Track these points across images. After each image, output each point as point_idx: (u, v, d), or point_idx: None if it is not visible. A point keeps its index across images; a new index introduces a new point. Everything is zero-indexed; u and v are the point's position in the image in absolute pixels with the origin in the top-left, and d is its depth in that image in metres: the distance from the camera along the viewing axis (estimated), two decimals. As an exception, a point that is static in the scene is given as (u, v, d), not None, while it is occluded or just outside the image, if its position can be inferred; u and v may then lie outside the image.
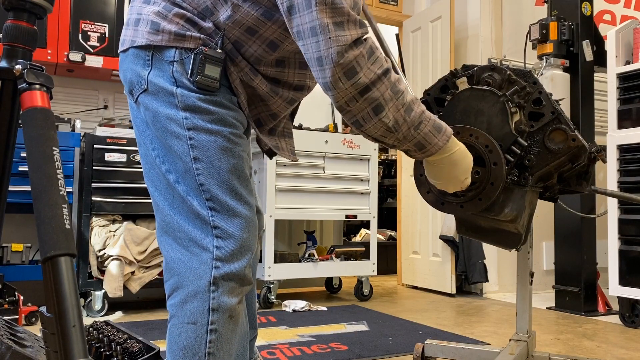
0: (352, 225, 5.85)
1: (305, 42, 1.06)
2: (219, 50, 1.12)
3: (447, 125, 1.22)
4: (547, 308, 3.51)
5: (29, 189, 0.88)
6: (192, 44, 1.12)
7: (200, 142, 1.11)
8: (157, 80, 1.12)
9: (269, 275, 3.43)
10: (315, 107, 4.36)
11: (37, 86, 0.94)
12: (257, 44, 1.16)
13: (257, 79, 1.19)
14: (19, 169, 2.92)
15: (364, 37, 1.07)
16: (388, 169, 6.12)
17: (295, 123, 3.92)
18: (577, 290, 3.35)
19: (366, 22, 1.14)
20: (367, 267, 3.77)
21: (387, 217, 5.75)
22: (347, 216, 3.77)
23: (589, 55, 3.46)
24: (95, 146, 3.13)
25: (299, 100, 1.32)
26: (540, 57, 3.50)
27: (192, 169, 1.11)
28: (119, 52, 1.21)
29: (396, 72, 1.13)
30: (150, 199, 1.21)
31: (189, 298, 1.09)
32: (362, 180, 3.81)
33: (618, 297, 3.02)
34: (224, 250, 1.09)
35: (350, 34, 1.04)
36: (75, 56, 3.27)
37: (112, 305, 3.21)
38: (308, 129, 3.75)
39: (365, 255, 3.83)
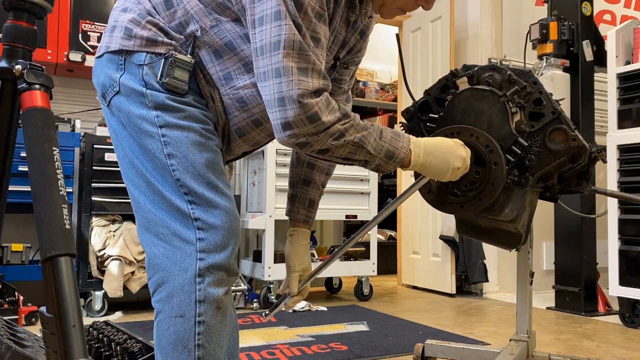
0: (352, 225, 5.84)
1: (268, 84, 1.08)
2: (189, 56, 1.15)
3: (402, 131, 1.25)
4: (547, 308, 3.51)
5: (29, 189, 0.88)
6: (163, 49, 1.15)
7: (173, 139, 1.12)
8: (129, 82, 1.15)
9: (269, 275, 3.42)
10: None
11: (37, 86, 0.94)
12: (216, 69, 1.19)
13: (218, 95, 1.22)
14: (19, 169, 2.92)
15: (324, 89, 1.10)
16: (388, 169, 6.10)
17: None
18: (577, 290, 3.35)
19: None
20: (367, 267, 3.77)
21: (387, 217, 5.73)
22: (347, 216, 3.77)
23: (589, 55, 3.46)
24: (95, 146, 3.13)
25: (262, 129, 1.29)
26: (540, 57, 3.50)
27: (167, 165, 1.12)
28: (95, 57, 1.24)
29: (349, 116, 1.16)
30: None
31: (175, 292, 1.09)
32: (362, 180, 3.81)
33: (618, 297, 3.02)
34: (206, 242, 1.10)
35: (312, 82, 1.07)
36: (75, 56, 3.27)
37: (112, 305, 3.21)
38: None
39: (365, 255, 3.83)
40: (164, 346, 1.10)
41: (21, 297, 2.76)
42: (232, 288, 3.39)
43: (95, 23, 3.37)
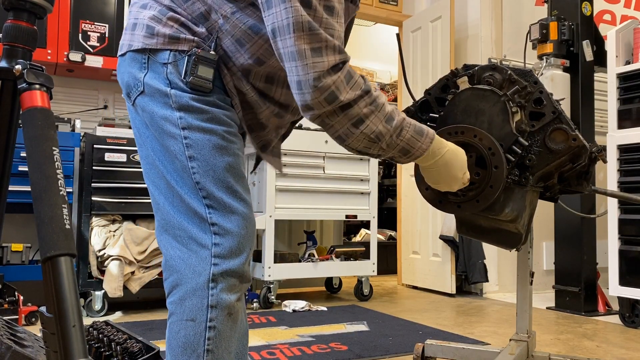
0: (352, 225, 5.84)
1: (287, 66, 1.07)
2: (212, 52, 1.13)
3: (429, 129, 1.21)
4: (547, 308, 3.51)
5: (29, 189, 0.87)
6: (185, 46, 1.13)
7: (195, 141, 1.11)
8: (153, 82, 1.13)
9: (269, 275, 3.42)
10: (315, 107, 4.36)
11: (37, 86, 0.94)
12: (244, 57, 1.17)
13: (247, 86, 1.20)
14: (19, 169, 2.92)
15: (343, 62, 1.08)
16: (388, 169, 6.12)
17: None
18: (577, 290, 3.35)
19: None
20: (367, 267, 3.77)
21: (387, 217, 5.75)
22: (347, 216, 3.77)
23: (589, 55, 3.46)
24: (95, 146, 3.12)
25: (286, 119, 1.32)
26: (540, 57, 3.50)
27: (188, 167, 1.11)
28: (117, 55, 1.23)
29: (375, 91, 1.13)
30: (149, 199, 1.20)
31: (187, 295, 1.09)
32: (362, 180, 3.81)
33: (618, 297, 3.02)
34: (222, 247, 1.09)
35: (327, 60, 1.05)
36: (75, 56, 3.27)
37: (112, 305, 3.21)
38: (308, 128, 3.75)
39: (365, 255, 3.83)
40: (173, 348, 1.11)
41: (21, 297, 2.76)
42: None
43: (95, 23, 3.37)
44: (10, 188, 1.09)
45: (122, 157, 3.19)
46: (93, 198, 3.11)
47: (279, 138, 1.38)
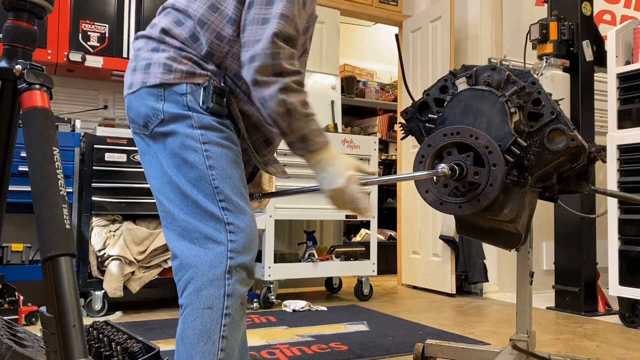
0: (352, 225, 5.84)
1: (252, 28, 1.29)
2: (223, 84, 1.34)
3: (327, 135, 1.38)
4: (547, 308, 3.51)
5: (29, 189, 0.88)
6: (200, 79, 1.32)
7: (215, 154, 1.28)
8: (172, 109, 1.30)
9: (269, 275, 3.43)
10: (316, 107, 4.35)
11: (37, 86, 0.94)
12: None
13: (252, 108, 1.38)
14: (19, 169, 2.92)
15: (293, 40, 1.30)
16: (388, 169, 6.12)
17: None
18: (577, 290, 3.35)
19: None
20: (367, 267, 3.78)
21: (387, 217, 5.75)
22: (347, 216, 3.77)
23: (589, 55, 3.46)
24: (95, 146, 3.13)
25: None
26: (540, 57, 3.50)
27: (207, 175, 1.26)
28: (126, 94, 1.39)
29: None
30: (149, 198, 1.32)
31: (204, 286, 1.19)
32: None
33: (618, 297, 3.02)
34: (237, 243, 1.23)
35: (289, 30, 1.28)
36: (75, 56, 3.27)
37: (112, 305, 3.21)
38: (308, 129, 3.75)
39: (365, 255, 3.83)
40: (188, 337, 1.18)
41: (21, 297, 2.77)
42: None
43: (95, 23, 3.38)
44: (10, 188, 1.09)
45: (122, 157, 3.19)
46: (93, 198, 3.11)
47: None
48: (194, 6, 1.35)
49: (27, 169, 0.88)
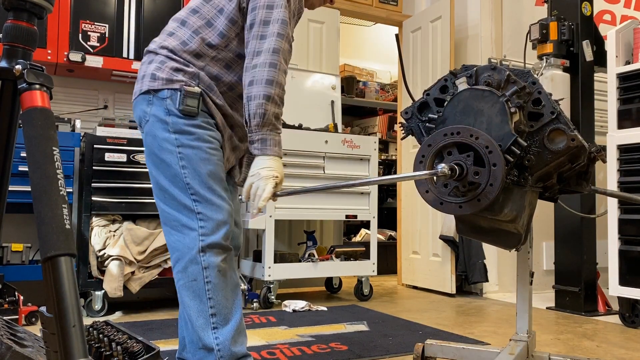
0: (352, 225, 5.84)
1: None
2: (197, 88, 1.62)
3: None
4: (547, 308, 3.51)
5: (29, 189, 0.88)
6: (177, 85, 1.61)
7: (186, 155, 1.59)
8: (156, 112, 1.62)
9: (269, 275, 3.43)
10: (315, 107, 4.36)
11: (37, 86, 0.94)
12: (231, 76, 1.69)
13: (229, 101, 1.70)
14: (19, 169, 2.92)
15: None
16: (388, 169, 6.12)
17: (295, 123, 3.92)
18: (577, 290, 3.35)
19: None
20: (367, 267, 3.78)
21: (387, 217, 5.75)
22: (347, 216, 3.77)
23: (589, 55, 3.46)
24: (95, 146, 3.13)
25: None
26: (540, 57, 3.50)
27: (180, 173, 1.59)
28: (132, 100, 1.71)
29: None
30: (149, 198, 1.47)
31: (188, 264, 1.58)
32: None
33: (618, 297, 3.02)
34: (206, 228, 1.58)
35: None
36: (75, 56, 3.27)
37: (112, 305, 3.21)
38: (308, 129, 3.76)
39: (365, 255, 3.83)
40: (186, 303, 1.59)
41: (21, 297, 2.77)
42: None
43: (95, 23, 3.37)
44: (10, 188, 1.10)
45: (122, 157, 3.19)
46: (93, 198, 3.11)
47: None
48: (193, 19, 1.67)
49: (27, 169, 0.88)
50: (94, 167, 3.11)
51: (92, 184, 3.11)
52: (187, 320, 1.60)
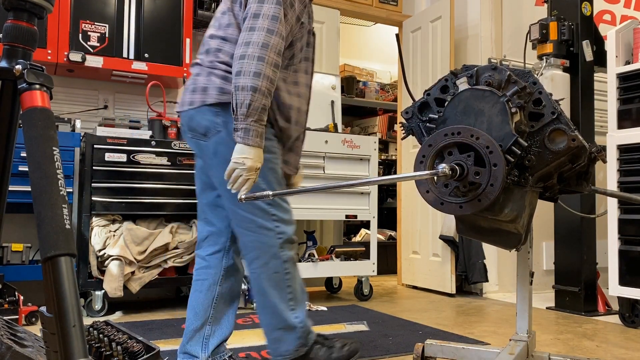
0: (352, 225, 5.84)
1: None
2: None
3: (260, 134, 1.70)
4: (547, 308, 3.51)
5: (29, 189, 0.88)
6: None
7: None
8: (227, 124, 1.76)
9: (269, 275, 3.42)
10: (316, 107, 4.36)
11: (37, 86, 0.94)
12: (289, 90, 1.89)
13: (286, 114, 1.90)
14: (19, 169, 2.92)
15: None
16: (388, 169, 6.12)
17: (295, 123, 3.91)
18: (577, 290, 3.35)
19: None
20: (367, 267, 3.77)
21: (387, 217, 5.75)
22: (347, 216, 3.77)
23: (589, 55, 3.46)
24: (95, 146, 3.12)
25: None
26: (540, 57, 3.50)
27: (258, 181, 1.72)
28: (184, 109, 1.83)
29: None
30: (149, 198, 1.43)
31: (269, 260, 1.81)
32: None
33: (618, 297, 3.02)
34: (281, 228, 1.83)
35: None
36: (75, 56, 3.27)
37: (112, 305, 3.21)
38: (308, 129, 3.75)
39: (365, 255, 3.83)
40: (268, 292, 1.83)
41: (21, 297, 2.76)
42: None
43: (95, 23, 3.37)
44: (10, 188, 1.10)
45: (122, 157, 3.19)
46: (93, 198, 3.11)
47: None
48: (230, 31, 1.81)
49: (27, 169, 0.88)
50: (94, 167, 3.11)
51: (92, 184, 3.11)
52: (264, 307, 1.87)
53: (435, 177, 1.40)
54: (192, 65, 1.88)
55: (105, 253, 3.08)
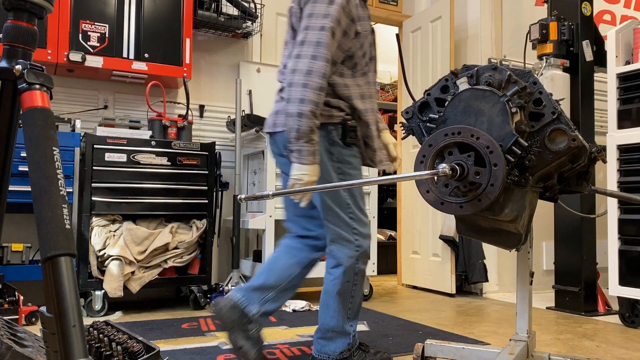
0: (352, 225, 5.83)
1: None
2: (354, 121, 1.98)
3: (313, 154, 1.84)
4: (547, 308, 3.51)
5: (29, 189, 0.88)
6: (336, 120, 1.95)
7: (346, 181, 1.90)
8: (322, 144, 1.93)
9: (269, 275, 3.42)
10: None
11: (37, 86, 0.94)
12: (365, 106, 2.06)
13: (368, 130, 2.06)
14: (19, 169, 2.92)
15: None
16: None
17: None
18: (577, 290, 3.35)
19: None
20: (367, 267, 3.76)
21: (387, 217, 5.75)
22: (347, 216, 3.76)
23: (589, 55, 3.46)
24: (95, 146, 3.12)
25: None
26: (540, 57, 3.50)
27: (343, 196, 1.97)
28: (268, 131, 2.05)
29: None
30: (149, 198, 1.38)
31: (347, 270, 2.00)
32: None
33: (618, 297, 3.02)
34: (359, 242, 2.01)
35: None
36: (75, 56, 3.27)
37: (112, 305, 3.21)
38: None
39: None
40: (334, 297, 2.02)
41: (21, 297, 2.76)
42: (232, 288, 3.38)
43: (95, 23, 3.37)
44: (10, 188, 1.10)
45: (122, 157, 3.19)
46: (93, 198, 3.11)
47: None
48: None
49: (27, 169, 0.88)
50: (94, 167, 3.11)
51: (92, 184, 3.11)
52: (327, 308, 2.04)
53: (436, 177, 1.40)
54: (280, 88, 2.05)
55: (105, 253, 3.08)
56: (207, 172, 3.43)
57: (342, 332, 2.03)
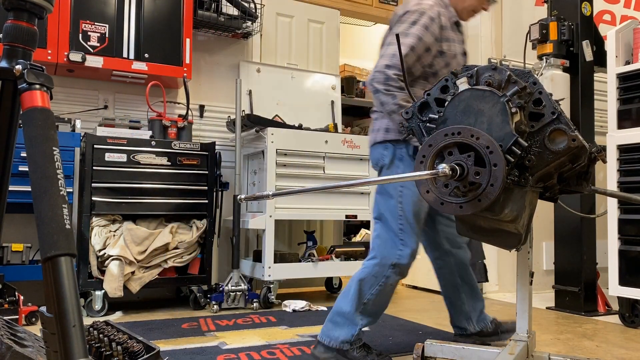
0: (352, 225, 5.84)
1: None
2: (415, 139, 2.00)
3: None
4: (547, 308, 3.51)
5: (29, 189, 0.87)
6: (401, 136, 2.10)
7: (405, 195, 2.10)
8: (390, 157, 2.15)
9: (269, 275, 3.42)
10: (315, 107, 4.36)
11: (37, 86, 0.94)
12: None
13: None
14: (19, 169, 2.92)
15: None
16: (388, 169, 6.11)
17: (295, 123, 3.92)
18: (577, 290, 3.35)
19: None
20: (367, 267, 3.77)
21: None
22: (347, 216, 3.77)
23: (589, 55, 3.46)
24: (95, 146, 3.12)
25: None
26: (540, 57, 3.50)
27: (397, 207, 2.11)
28: (369, 145, 2.28)
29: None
30: (149, 198, 1.35)
31: (379, 264, 2.10)
32: (362, 180, 3.81)
33: (618, 297, 3.02)
34: (402, 252, 2.10)
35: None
36: (75, 56, 3.27)
37: (112, 305, 3.21)
38: (308, 129, 3.75)
39: (365, 255, 3.82)
40: (358, 283, 2.11)
41: (21, 297, 2.76)
42: (232, 288, 3.37)
43: (95, 23, 3.37)
44: (10, 188, 1.10)
45: (122, 157, 3.19)
46: (93, 198, 3.11)
47: None
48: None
49: (27, 169, 0.88)
50: (94, 167, 3.11)
51: (92, 184, 3.11)
52: (347, 294, 2.13)
53: (436, 177, 1.40)
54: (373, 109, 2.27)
55: (105, 253, 3.08)
56: (207, 172, 3.43)
57: (351, 321, 2.10)
